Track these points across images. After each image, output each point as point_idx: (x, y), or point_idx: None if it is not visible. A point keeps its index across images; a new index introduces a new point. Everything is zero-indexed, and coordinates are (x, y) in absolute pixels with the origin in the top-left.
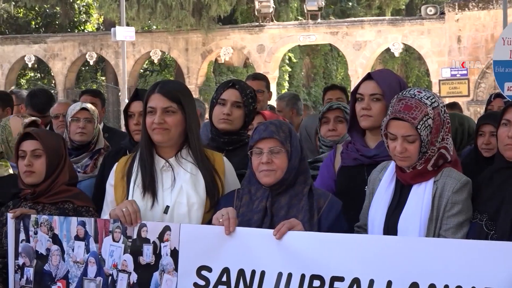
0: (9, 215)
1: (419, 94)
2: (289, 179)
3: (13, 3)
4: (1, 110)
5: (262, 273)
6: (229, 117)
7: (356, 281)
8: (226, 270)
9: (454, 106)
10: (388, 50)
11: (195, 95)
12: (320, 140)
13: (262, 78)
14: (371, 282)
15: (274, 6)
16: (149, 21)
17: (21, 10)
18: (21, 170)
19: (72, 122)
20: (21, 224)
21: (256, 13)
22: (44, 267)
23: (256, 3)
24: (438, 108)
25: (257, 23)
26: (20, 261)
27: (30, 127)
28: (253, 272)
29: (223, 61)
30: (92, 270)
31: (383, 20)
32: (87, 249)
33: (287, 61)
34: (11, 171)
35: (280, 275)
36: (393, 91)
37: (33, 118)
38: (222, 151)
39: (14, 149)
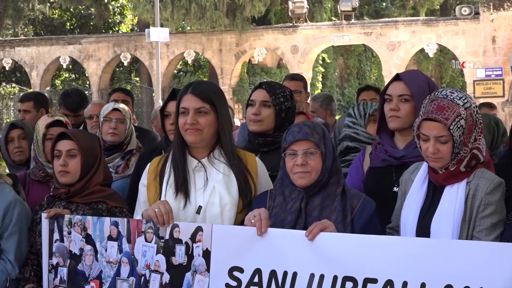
0: (43, 215)
1: (451, 95)
2: (323, 180)
3: (49, 4)
4: (35, 111)
5: (294, 274)
6: (258, 117)
7: (389, 283)
8: (258, 271)
9: (492, 106)
10: (422, 50)
11: (229, 96)
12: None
13: (299, 78)
14: (405, 284)
15: (308, 7)
16: (183, 22)
17: (56, 11)
18: (56, 169)
19: (104, 123)
20: (55, 224)
21: (289, 14)
22: (78, 267)
23: (290, 3)
24: (471, 108)
25: (291, 24)
26: (54, 260)
27: (55, 127)
28: (285, 273)
29: (256, 62)
30: (125, 270)
31: (417, 20)
32: (120, 249)
33: (321, 62)
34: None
35: (312, 276)
36: (421, 92)
37: (58, 117)
38: (257, 152)
39: (50, 149)
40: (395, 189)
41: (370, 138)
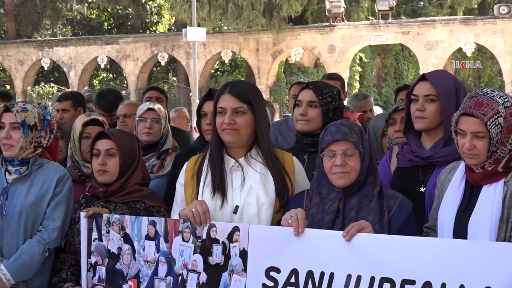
0: (82, 214)
1: (491, 93)
2: (361, 180)
3: (87, 4)
4: (73, 110)
5: (331, 275)
6: (305, 117)
7: (427, 284)
8: (294, 271)
9: None
10: (460, 49)
11: (266, 95)
12: (388, 141)
13: (337, 78)
14: (443, 286)
15: (345, 6)
16: (220, 22)
17: (94, 11)
18: (94, 168)
19: (140, 122)
20: (94, 223)
21: (326, 13)
22: (116, 266)
23: (327, 3)
24: (511, 108)
25: (328, 23)
26: (93, 259)
27: (92, 125)
28: (322, 274)
29: (293, 62)
30: (162, 269)
31: (455, 19)
32: (158, 249)
33: (358, 61)
34: None
35: (349, 277)
36: (448, 92)
37: (94, 116)
38: (305, 153)
39: (89, 148)
40: (422, 189)
41: (392, 143)
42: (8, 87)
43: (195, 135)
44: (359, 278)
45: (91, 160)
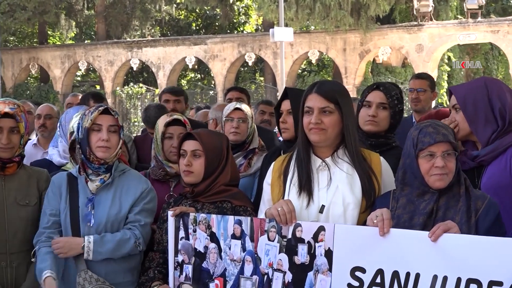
0: (169, 213)
1: None
2: (454, 181)
3: (175, 5)
4: (184, 103)
5: (417, 276)
6: (375, 118)
7: None
8: (380, 272)
9: None
10: None
11: (353, 95)
12: None
13: (424, 77)
14: None
15: (433, 5)
16: (308, 22)
17: (183, 12)
18: (181, 169)
19: (227, 122)
20: (181, 222)
21: (414, 12)
22: (202, 265)
23: (415, 2)
24: None
25: (416, 22)
26: (180, 258)
27: (174, 125)
28: (408, 274)
29: (381, 61)
30: (248, 268)
31: None
32: (244, 248)
33: (446, 61)
34: None
35: (435, 278)
36: (471, 102)
37: (176, 116)
38: None
39: (177, 148)
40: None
41: None
42: (98, 87)
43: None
44: (445, 279)
45: (178, 160)
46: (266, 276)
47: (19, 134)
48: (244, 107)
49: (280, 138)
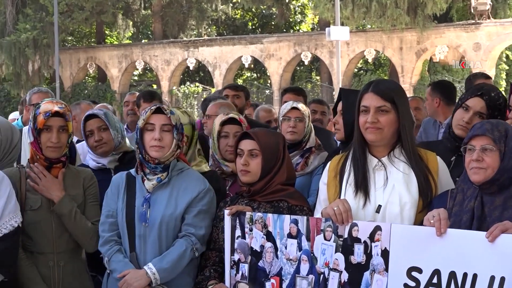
0: (226, 212)
1: None
2: (501, 179)
3: (231, 5)
4: (245, 99)
5: (474, 276)
6: (468, 125)
7: None
8: (437, 272)
9: None
10: None
11: (409, 94)
12: None
13: (485, 77)
14: None
15: (491, 3)
16: (364, 20)
17: (239, 11)
18: (238, 168)
19: (283, 122)
20: (237, 221)
21: (472, 11)
22: (259, 264)
23: (473, 0)
24: None
25: (473, 21)
26: (236, 257)
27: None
28: (465, 275)
29: (438, 60)
30: (304, 268)
31: None
32: (299, 247)
33: (504, 59)
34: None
35: (492, 279)
36: None
37: (232, 114)
38: (453, 154)
39: (233, 148)
40: None
41: None
42: (154, 86)
43: None
44: (502, 280)
45: (235, 159)
46: (322, 276)
47: (67, 133)
48: (301, 106)
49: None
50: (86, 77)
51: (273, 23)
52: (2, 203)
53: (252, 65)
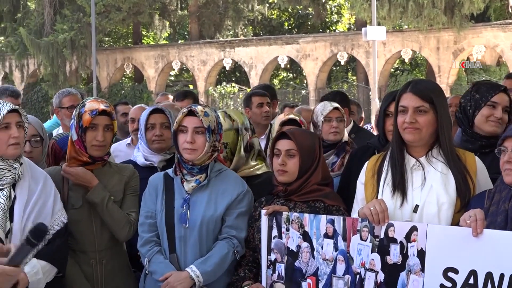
0: (263, 212)
1: None
2: None
3: (267, 5)
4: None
5: (511, 278)
6: (500, 120)
7: None
8: (473, 273)
9: None
10: None
11: (447, 94)
12: None
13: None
14: None
15: None
16: (400, 20)
17: (275, 11)
18: (275, 168)
19: (325, 122)
20: (274, 221)
21: (510, 10)
22: (295, 264)
23: (510, 0)
24: None
25: (511, 21)
26: (272, 256)
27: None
28: (502, 276)
29: (475, 60)
30: (341, 268)
31: None
32: (336, 247)
33: None
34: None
35: None
36: None
37: (291, 116)
38: (476, 152)
39: (270, 148)
40: None
41: None
42: (191, 87)
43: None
44: None
45: (271, 159)
46: (358, 276)
47: (112, 132)
48: (339, 106)
49: None
50: (123, 78)
51: (309, 23)
52: (51, 201)
53: (288, 65)
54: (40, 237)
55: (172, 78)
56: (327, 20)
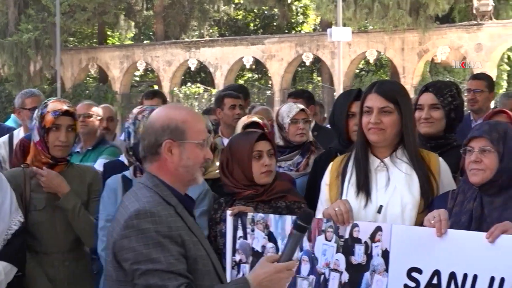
0: (228, 212)
1: None
2: (500, 180)
3: (233, 5)
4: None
5: (474, 277)
6: (429, 120)
7: None
8: (437, 273)
9: None
10: None
11: (411, 95)
12: None
13: (481, 77)
14: None
15: (494, 4)
16: (366, 21)
17: (241, 12)
18: (259, 169)
19: (292, 124)
20: (239, 221)
21: (474, 12)
22: None
23: (475, 1)
24: None
25: (475, 22)
26: (237, 257)
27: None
28: (465, 276)
29: (439, 61)
30: (305, 268)
31: None
32: (300, 248)
33: (506, 60)
34: None
35: (492, 279)
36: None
37: (254, 119)
38: None
39: (249, 150)
40: None
41: None
42: (156, 87)
43: None
44: (502, 280)
45: (249, 162)
46: (322, 276)
47: (74, 133)
48: (304, 108)
49: None
50: (88, 78)
51: (275, 24)
52: (8, 201)
53: (254, 66)
54: (310, 220)
55: (137, 78)
56: (293, 21)
